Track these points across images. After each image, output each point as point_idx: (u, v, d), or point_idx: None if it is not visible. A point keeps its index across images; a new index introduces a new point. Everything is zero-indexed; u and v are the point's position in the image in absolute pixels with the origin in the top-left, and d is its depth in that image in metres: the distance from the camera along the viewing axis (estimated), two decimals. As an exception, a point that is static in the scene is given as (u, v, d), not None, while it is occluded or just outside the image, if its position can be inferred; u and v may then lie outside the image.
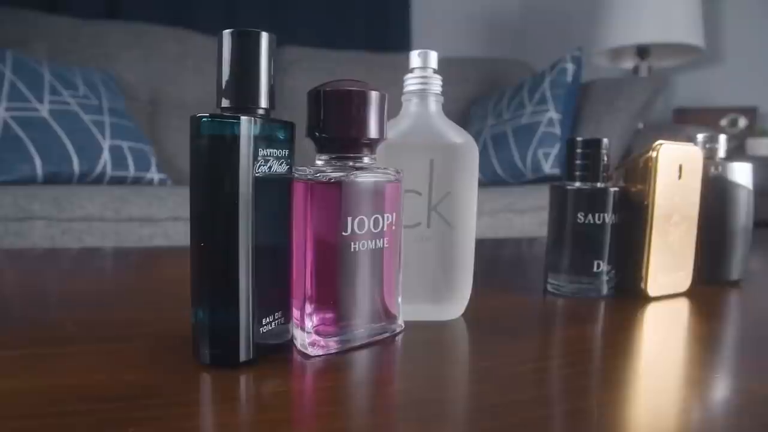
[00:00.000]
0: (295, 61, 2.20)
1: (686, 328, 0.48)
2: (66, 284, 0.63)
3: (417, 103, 0.44)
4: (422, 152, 0.43)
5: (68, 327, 0.43)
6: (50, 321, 0.45)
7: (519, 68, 2.38)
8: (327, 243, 0.37)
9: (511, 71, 2.36)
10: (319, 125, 0.37)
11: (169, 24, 2.09)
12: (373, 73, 2.18)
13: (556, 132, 1.79)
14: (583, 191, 0.53)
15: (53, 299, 0.55)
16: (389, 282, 0.41)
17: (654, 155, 0.52)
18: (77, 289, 0.58)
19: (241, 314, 0.35)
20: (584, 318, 0.48)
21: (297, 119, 0.38)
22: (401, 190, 0.41)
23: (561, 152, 1.79)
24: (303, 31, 2.53)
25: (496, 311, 0.49)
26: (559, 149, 1.78)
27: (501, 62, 2.43)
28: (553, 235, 0.54)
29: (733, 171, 0.61)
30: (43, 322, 0.45)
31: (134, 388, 0.32)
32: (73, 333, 0.42)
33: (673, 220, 0.54)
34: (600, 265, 0.52)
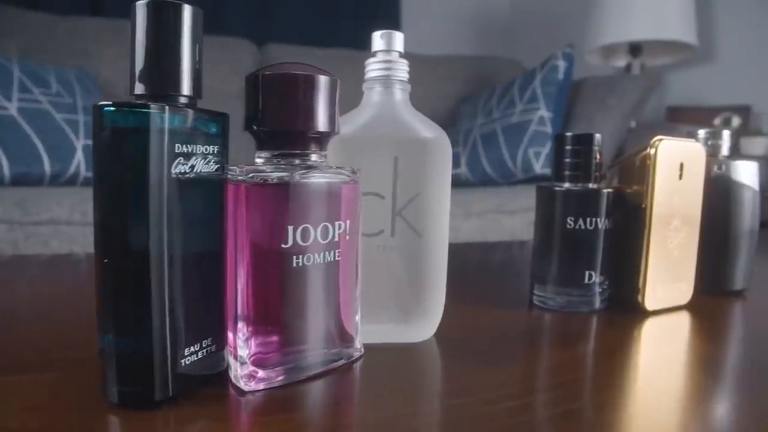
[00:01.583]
0: (280, 59, 2.13)
1: (688, 349, 0.42)
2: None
3: (380, 92, 0.38)
4: (385, 148, 0.37)
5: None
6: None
7: (510, 66, 2.33)
8: (266, 256, 0.31)
9: (501, 69, 2.31)
10: (257, 116, 0.31)
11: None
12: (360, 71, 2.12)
13: (547, 131, 1.74)
14: (572, 193, 0.47)
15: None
16: (344, 300, 0.35)
17: (652, 152, 0.46)
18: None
19: (155, 342, 0.28)
20: (574, 337, 0.42)
21: None
22: (358, 193, 0.35)
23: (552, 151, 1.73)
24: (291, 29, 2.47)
25: (473, 330, 0.43)
26: (550, 148, 1.72)
27: (491, 60, 2.38)
28: (540, 241, 0.48)
29: (737, 170, 0.56)
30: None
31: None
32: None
33: (673, 225, 0.48)
34: (592, 275, 0.46)
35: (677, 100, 2.20)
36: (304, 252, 0.31)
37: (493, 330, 0.43)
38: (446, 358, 0.38)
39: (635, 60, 2.16)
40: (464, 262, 0.75)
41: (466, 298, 0.51)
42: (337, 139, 0.36)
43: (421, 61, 2.23)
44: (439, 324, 0.40)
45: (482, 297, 0.52)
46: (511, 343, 0.41)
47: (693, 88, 2.20)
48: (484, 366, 0.36)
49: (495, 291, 0.55)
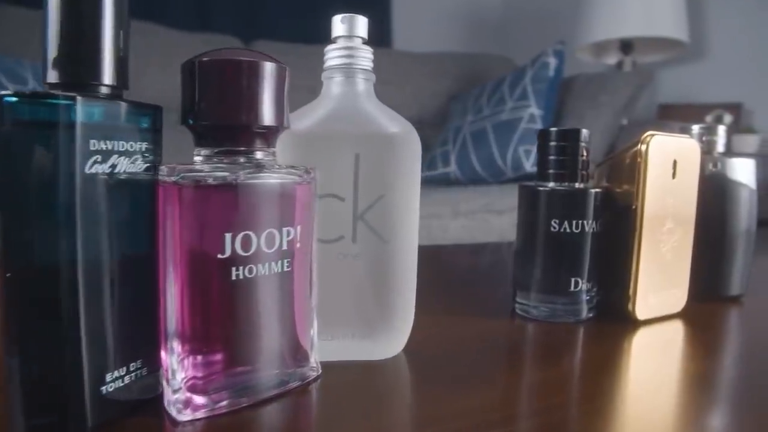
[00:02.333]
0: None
1: (682, 364, 0.39)
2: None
3: (340, 82, 0.34)
4: (345, 145, 0.33)
5: None
6: None
7: (501, 63, 2.29)
8: (201, 268, 0.27)
9: (492, 66, 2.27)
10: (193, 109, 0.27)
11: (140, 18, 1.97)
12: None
13: (537, 128, 1.70)
14: (557, 193, 0.43)
15: None
16: (297, 314, 0.31)
17: (643, 149, 0.42)
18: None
19: (69, 366, 0.25)
20: (559, 352, 0.39)
21: None
22: (313, 195, 0.31)
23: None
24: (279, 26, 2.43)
25: (447, 345, 0.39)
26: (540, 147, 1.69)
27: (482, 57, 2.35)
28: (522, 245, 0.45)
29: (733, 167, 0.52)
30: None
31: None
32: None
33: (666, 227, 0.44)
34: (578, 282, 0.43)
35: (669, 98, 2.18)
36: (246, 263, 0.27)
37: (469, 344, 0.39)
38: (415, 378, 0.34)
39: (626, 57, 2.14)
40: (445, 266, 0.71)
41: (441, 307, 0.47)
42: (291, 135, 0.33)
43: (411, 59, 2.19)
44: (408, 339, 0.37)
45: (460, 305, 0.49)
46: (489, 360, 0.37)
47: (684, 85, 2.17)
48: (458, 387, 0.32)
49: (475, 298, 0.51)
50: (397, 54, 2.25)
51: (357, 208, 0.33)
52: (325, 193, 0.33)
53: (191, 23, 2.19)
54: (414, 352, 0.37)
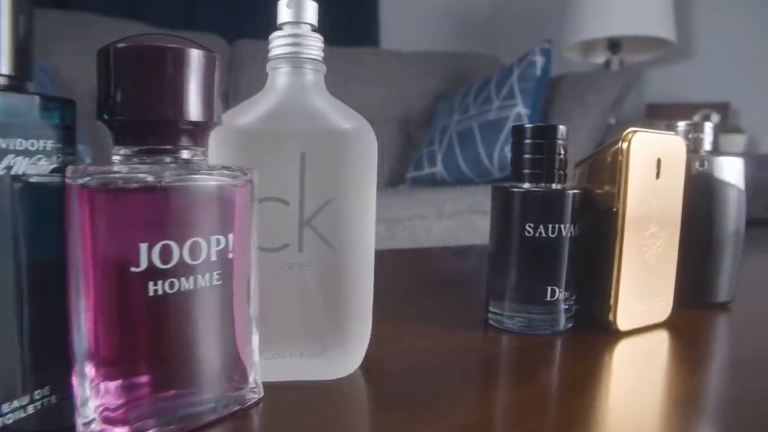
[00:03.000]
0: (249, 56, 2.05)
1: (667, 379, 0.36)
2: None
3: (287, 73, 0.31)
4: (289, 142, 0.29)
5: None
6: None
7: (488, 63, 2.27)
8: (115, 282, 0.23)
9: (479, 66, 2.24)
10: (109, 102, 0.24)
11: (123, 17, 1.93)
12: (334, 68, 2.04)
13: (524, 128, 1.68)
14: (532, 194, 0.40)
15: None
16: (233, 331, 0.27)
17: (624, 146, 0.39)
18: None
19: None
20: (534, 369, 0.36)
21: None
22: (250, 199, 0.27)
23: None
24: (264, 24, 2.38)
25: (410, 360, 0.36)
26: (527, 146, 1.66)
27: (469, 56, 2.32)
28: (495, 251, 0.42)
29: (721, 167, 0.49)
30: None
31: None
32: None
33: (649, 231, 0.41)
34: (555, 291, 0.39)
35: (657, 98, 2.16)
36: (166, 276, 0.24)
37: (435, 360, 0.36)
38: (371, 400, 0.31)
39: (614, 56, 2.12)
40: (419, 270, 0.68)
41: (408, 317, 0.44)
42: (230, 133, 0.29)
43: (398, 58, 2.16)
44: (364, 355, 0.33)
45: (429, 315, 0.45)
46: (456, 379, 0.34)
47: (672, 85, 2.16)
48: (420, 411, 0.29)
49: (447, 307, 0.48)
50: (384, 53, 2.22)
51: (303, 213, 0.30)
52: (268, 197, 0.29)
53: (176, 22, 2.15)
54: (371, 370, 0.33)
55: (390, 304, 0.48)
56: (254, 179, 0.28)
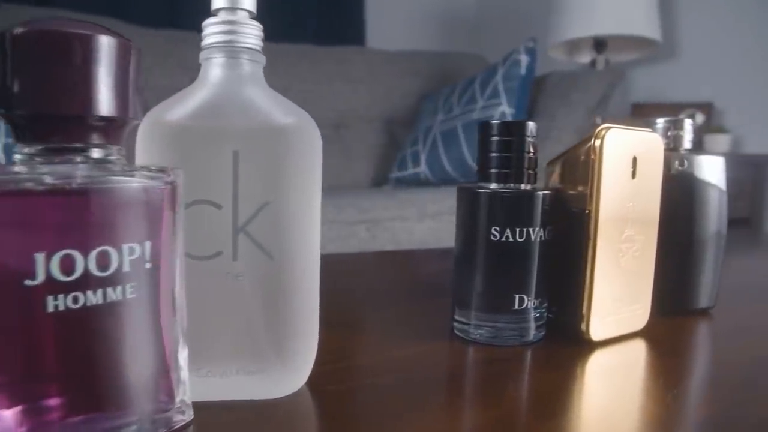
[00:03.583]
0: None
1: (644, 395, 0.33)
2: None
3: (221, 64, 0.28)
4: (221, 140, 0.27)
5: None
6: None
7: (473, 62, 2.24)
8: (8, 295, 0.20)
9: (465, 65, 2.22)
10: (7, 94, 0.21)
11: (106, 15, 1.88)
12: (318, 67, 2.02)
13: (508, 128, 1.66)
14: (499, 196, 0.37)
15: None
16: (154, 348, 0.24)
17: (597, 144, 0.36)
18: None
19: None
20: (499, 385, 0.33)
21: None
22: (174, 202, 0.24)
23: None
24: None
25: (364, 376, 0.33)
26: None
27: (455, 56, 2.30)
28: (461, 256, 0.39)
29: (701, 166, 0.47)
30: None
31: None
32: None
33: (625, 235, 0.39)
34: (524, 299, 0.37)
35: (642, 97, 2.15)
36: (68, 290, 0.21)
37: (392, 375, 0.33)
38: (318, 422, 0.28)
39: (599, 56, 2.10)
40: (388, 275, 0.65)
41: (367, 326, 0.41)
42: (157, 129, 0.26)
43: (382, 57, 2.14)
44: (313, 371, 0.30)
45: (391, 324, 0.43)
46: (415, 396, 0.31)
47: (657, 85, 2.15)
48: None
49: (413, 315, 0.45)
50: (368, 52, 2.20)
51: (237, 218, 0.27)
52: (199, 200, 0.27)
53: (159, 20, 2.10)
54: (319, 388, 0.30)
55: (351, 312, 0.45)
56: (179, 180, 0.25)
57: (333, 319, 0.42)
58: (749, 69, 1.87)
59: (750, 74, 1.87)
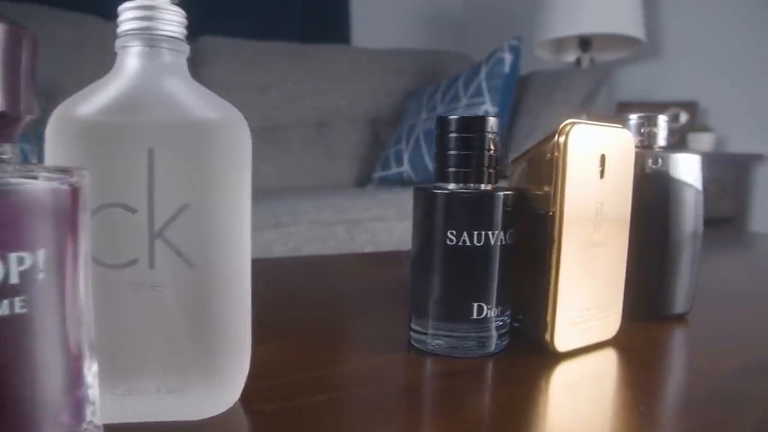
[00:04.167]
0: (214, 52, 1.99)
1: (614, 411, 0.31)
2: None
3: (138, 54, 0.25)
4: (135, 137, 0.24)
5: None
6: None
7: (459, 60, 2.23)
8: None
9: (451, 64, 2.20)
10: None
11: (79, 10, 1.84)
12: (301, 66, 2.00)
13: (491, 126, 1.64)
14: (456, 197, 0.35)
15: None
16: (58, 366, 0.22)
17: (561, 140, 0.34)
18: None
19: None
20: (453, 400, 0.30)
21: None
22: (78, 205, 0.22)
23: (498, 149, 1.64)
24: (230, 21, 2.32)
25: (307, 392, 0.30)
26: (495, 145, 1.62)
27: (440, 54, 2.28)
28: (417, 262, 0.36)
29: (676, 165, 0.45)
30: None
31: None
32: None
33: (594, 238, 0.36)
34: (483, 308, 0.34)
35: (627, 96, 2.14)
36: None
37: (339, 391, 0.31)
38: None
39: (585, 55, 2.09)
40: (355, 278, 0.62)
41: (318, 336, 0.39)
42: (67, 125, 0.24)
43: (367, 55, 2.11)
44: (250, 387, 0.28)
45: (346, 333, 0.40)
46: (361, 415, 0.29)
47: (642, 83, 2.14)
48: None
49: (371, 323, 0.43)
50: (352, 50, 2.17)
51: (153, 222, 0.24)
52: (111, 203, 0.24)
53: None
54: (254, 406, 0.28)
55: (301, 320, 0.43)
56: (83, 182, 0.22)
57: (278, 329, 0.40)
58: (733, 68, 1.86)
59: (734, 73, 1.86)
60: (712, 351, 0.39)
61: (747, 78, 1.83)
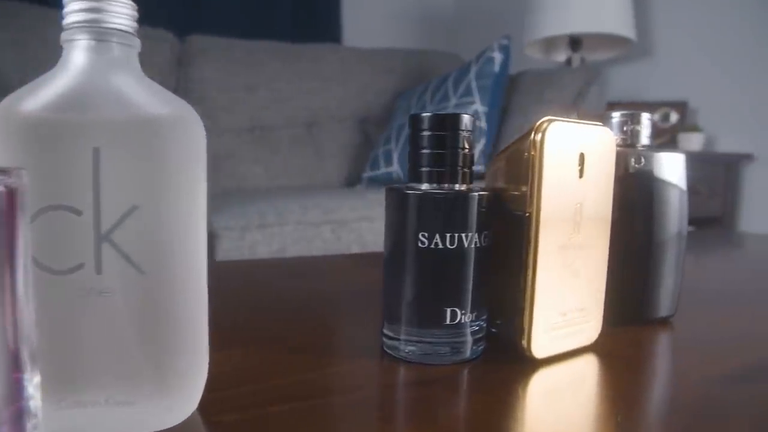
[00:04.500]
0: (202, 52, 1.96)
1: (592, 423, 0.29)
2: None
3: (85, 48, 0.24)
4: (79, 135, 0.22)
5: None
6: None
7: (449, 60, 2.21)
8: None
9: (441, 63, 2.19)
10: None
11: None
12: (290, 65, 1.98)
13: (482, 126, 1.63)
14: (429, 197, 0.33)
15: None
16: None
17: (538, 139, 0.33)
18: None
19: None
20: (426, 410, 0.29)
21: (204, 112, 0.17)
22: (12, 207, 0.20)
23: (487, 148, 1.63)
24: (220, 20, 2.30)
25: (270, 402, 0.29)
26: (484, 144, 1.61)
27: (430, 54, 2.27)
28: (389, 265, 0.35)
29: (660, 164, 0.44)
30: None
31: None
32: None
33: (573, 240, 0.35)
34: (456, 313, 0.33)
35: (617, 96, 2.14)
36: None
37: (304, 401, 0.29)
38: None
39: (575, 54, 2.09)
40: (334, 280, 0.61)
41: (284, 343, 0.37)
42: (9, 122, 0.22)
43: (357, 55, 2.09)
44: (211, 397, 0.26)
45: (319, 338, 0.39)
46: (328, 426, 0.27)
47: (632, 83, 2.14)
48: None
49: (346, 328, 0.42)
50: (342, 50, 2.16)
51: (100, 225, 0.23)
52: (55, 205, 0.22)
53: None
54: (213, 418, 0.26)
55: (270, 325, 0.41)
56: (21, 182, 0.20)
57: (246, 335, 0.38)
58: (723, 68, 1.86)
59: (724, 73, 1.86)
60: (696, 357, 0.38)
61: (737, 78, 1.83)
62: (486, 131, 1.63)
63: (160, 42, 1.90)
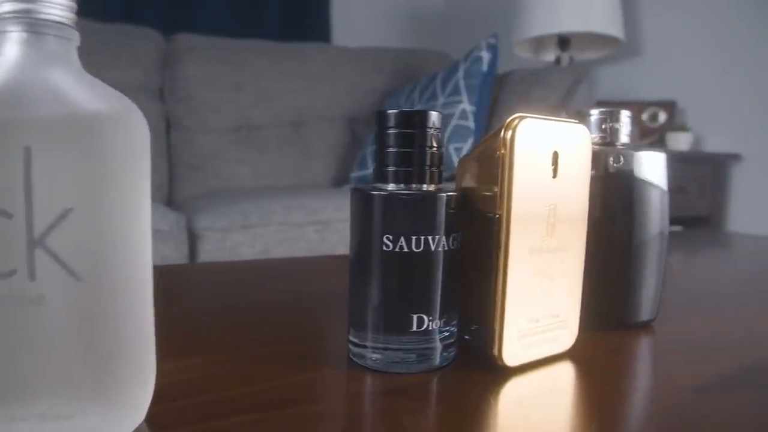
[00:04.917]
0: (189, 50, 1.94)
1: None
2: None
3: (18, 41, 0.22)
4: (10, 133, 0.21)
5: None
6: None
7: (438, 59, 2.20)
8: None
9: (430, 62, 2.18)
10: None
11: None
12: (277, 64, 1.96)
13: (469, 125, 1.62)
14: (394, 198, 0.32)
15: None
16: None
17: (508, 136, 0.31)
18: None
19: None
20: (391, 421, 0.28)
21: (190, 111, 0.16)
22: None
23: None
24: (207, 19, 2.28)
25: (224, 414, 0.27)
26: (472, 144, 1.60)
27: (419, 53, 2.25)
28: (354, 269, 0.33)
29: (640, 163, 0.42)
30: None
31: None
32: None
33: (547, 243, 0.34)
34: (423, 320, 0.31)
35: (606, 95, 2.14)
36: None
37: (260, 412, 0.28)
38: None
39: (564, 53, 2.08)
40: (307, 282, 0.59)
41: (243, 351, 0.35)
42: None
43: (344, 54, 2.08)
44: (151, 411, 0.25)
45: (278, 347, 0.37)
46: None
47: (621, 83, 2.14)
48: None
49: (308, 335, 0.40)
50: (330, 49, 2.14)
51: (32, 229, 0.21)
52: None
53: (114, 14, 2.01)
54: (163, 431, 0.25)
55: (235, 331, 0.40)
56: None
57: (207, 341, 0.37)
58: (712, 68, 1.86)
59: (712, 73, 1.86)
60: (675, 364, 0.37)
61: (725, 78, 1.83)
62: (473, 130, 1.61)
63: (146, 41, 1.88)
